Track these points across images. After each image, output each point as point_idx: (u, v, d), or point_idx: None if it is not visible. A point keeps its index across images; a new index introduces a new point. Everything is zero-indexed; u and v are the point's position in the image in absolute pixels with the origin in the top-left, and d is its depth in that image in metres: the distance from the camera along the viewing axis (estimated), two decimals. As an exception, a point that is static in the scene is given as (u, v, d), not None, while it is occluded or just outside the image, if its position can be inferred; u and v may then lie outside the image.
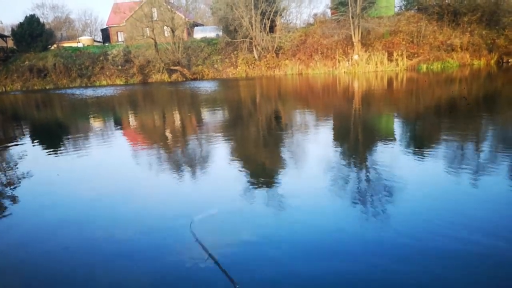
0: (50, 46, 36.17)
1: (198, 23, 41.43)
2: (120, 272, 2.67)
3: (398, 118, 8.62)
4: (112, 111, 14.11)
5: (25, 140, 8.54)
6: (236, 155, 5.94)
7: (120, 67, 32.50)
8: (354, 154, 5.56)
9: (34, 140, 8.64)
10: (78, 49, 35.57)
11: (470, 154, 5.15)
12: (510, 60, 24.16)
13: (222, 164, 5.40)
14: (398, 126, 7.81)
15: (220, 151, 6.11)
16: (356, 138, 6.84)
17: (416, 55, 25.60)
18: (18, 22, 34.99)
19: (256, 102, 13.66)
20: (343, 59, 26.84)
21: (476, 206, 3.37)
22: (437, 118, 8.27)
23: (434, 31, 26.43)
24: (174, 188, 4.43)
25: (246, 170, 4.97)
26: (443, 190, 3.79)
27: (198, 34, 36.60)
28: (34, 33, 34.14)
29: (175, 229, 3.25)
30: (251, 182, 4.43)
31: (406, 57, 25.40)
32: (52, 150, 7.21)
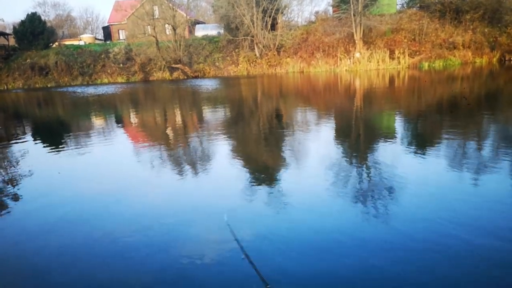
0: (51, 44, 36.15)
1: (199, 21, 41.33)
2: (120, 270, 2.68)
3: (399, 117, 8.60)
4: (113, 109, 14.13)
5: (26, 138, 8.57)
6: (236, 154, 5.94)
7: (121, 65, 32.48)
8: (355, 153, 5.55)
9: (36, 138, 8.66)
10: (79, 47, 35.55)
11: (471, 153, 5.13)
12: (513, 58, 24.04)
13: (222, 162, 5.40)
14: (399, 125, 7.79)
15: (221, 150, 6.11)
16: (357, 136, 6.82)
17: (418, 53, 25.49)
18: (20, 20, 34.96)
19: (257, 100, 13.64)
20: (345, 57, 26.75)
21: (477, 206, 3.36)
22: (438, 116, 8.25)
23: (436, 29, 26.30)
24: (175, 186, 4.43)
25: (247, 169, 4.97)
26: (444, 190, 3.78)
27: (200, 32, 36.53)
28: (35, 31, 34.12)
29: (176, 227, 3.26)
30: (252, 181, 4.43)
31: (408, 55, 25.28)
32: (53, 148, 7.22)
